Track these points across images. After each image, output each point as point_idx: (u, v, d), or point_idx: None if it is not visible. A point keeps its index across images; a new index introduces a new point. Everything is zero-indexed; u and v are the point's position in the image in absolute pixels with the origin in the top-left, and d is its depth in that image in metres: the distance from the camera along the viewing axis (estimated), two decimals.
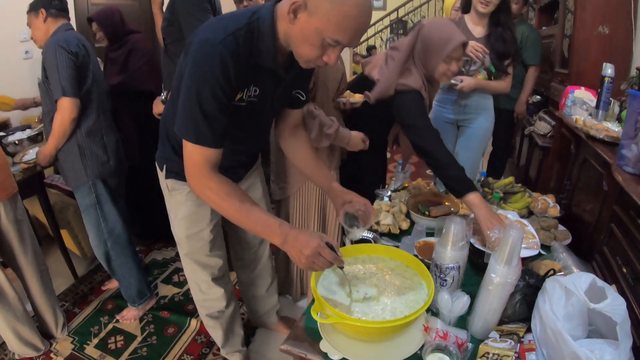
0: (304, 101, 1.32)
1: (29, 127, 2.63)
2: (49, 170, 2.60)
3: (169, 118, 1.26)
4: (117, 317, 2.23)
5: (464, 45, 1.61)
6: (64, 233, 2.50)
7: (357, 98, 1.84)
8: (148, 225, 2.85)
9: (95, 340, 2.09)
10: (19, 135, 2.41)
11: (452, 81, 2.16)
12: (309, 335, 1.09)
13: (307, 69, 1.11)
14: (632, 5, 2.37)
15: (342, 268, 1.07)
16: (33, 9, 1.91)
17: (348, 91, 1.90)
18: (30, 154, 2.18)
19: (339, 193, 1.29)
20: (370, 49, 7.08)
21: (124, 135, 2.30)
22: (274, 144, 1.98)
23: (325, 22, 0.91)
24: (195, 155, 1.06)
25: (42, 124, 2.24)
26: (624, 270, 1.25)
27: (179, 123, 1.07)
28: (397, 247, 1.39)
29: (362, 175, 2.03)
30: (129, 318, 2.22)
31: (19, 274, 1.92)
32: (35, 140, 2.38)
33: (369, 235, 1.49)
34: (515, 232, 0.91)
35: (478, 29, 2.20)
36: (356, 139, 1.78)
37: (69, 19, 1.99)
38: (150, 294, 2.30)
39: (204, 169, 1.06)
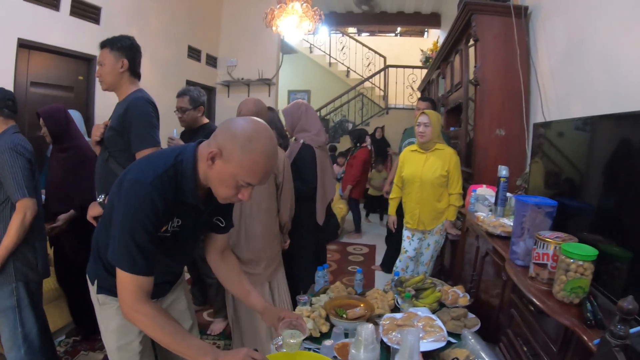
0: (224, 227, 1.43)
1: None
2: None
3: (101, 238, 1.30)
4: None
5: None
6: None
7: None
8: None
9: None
10: None
11: None
12: None
13: None
14: (524, 110, 2.78)
15: None
16: None
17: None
18: None
19: (272, 312, 1.41)
20: None
21: None
22: None
23: (238, 168, 1.06)
24: (129, 284, 1.11)
25: None
26: (525, 349, 1.43)
27: (113, 254, 1.12)
28: (318, 349, 1.47)
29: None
30: None
31: None
32: None
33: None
34: (411, 336, 1.01)
35: None
36: None
37: (17, 120, 1.98)
38: None
39: (137, 297, 1.12)
